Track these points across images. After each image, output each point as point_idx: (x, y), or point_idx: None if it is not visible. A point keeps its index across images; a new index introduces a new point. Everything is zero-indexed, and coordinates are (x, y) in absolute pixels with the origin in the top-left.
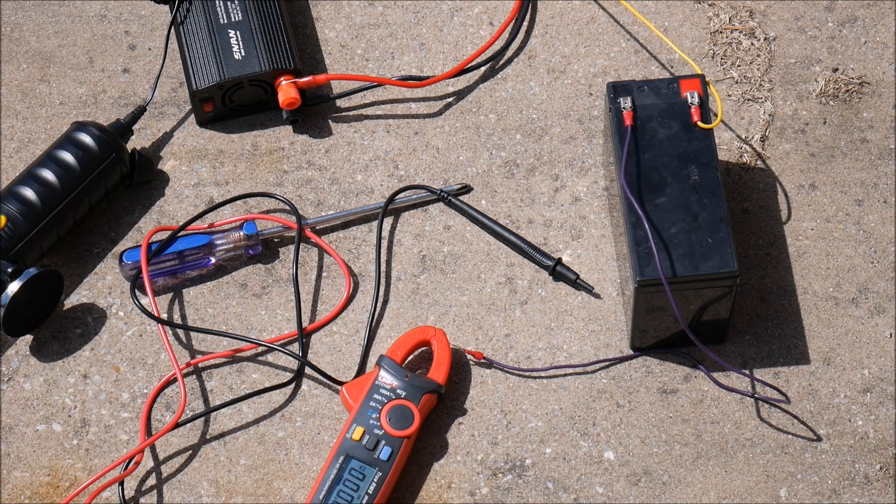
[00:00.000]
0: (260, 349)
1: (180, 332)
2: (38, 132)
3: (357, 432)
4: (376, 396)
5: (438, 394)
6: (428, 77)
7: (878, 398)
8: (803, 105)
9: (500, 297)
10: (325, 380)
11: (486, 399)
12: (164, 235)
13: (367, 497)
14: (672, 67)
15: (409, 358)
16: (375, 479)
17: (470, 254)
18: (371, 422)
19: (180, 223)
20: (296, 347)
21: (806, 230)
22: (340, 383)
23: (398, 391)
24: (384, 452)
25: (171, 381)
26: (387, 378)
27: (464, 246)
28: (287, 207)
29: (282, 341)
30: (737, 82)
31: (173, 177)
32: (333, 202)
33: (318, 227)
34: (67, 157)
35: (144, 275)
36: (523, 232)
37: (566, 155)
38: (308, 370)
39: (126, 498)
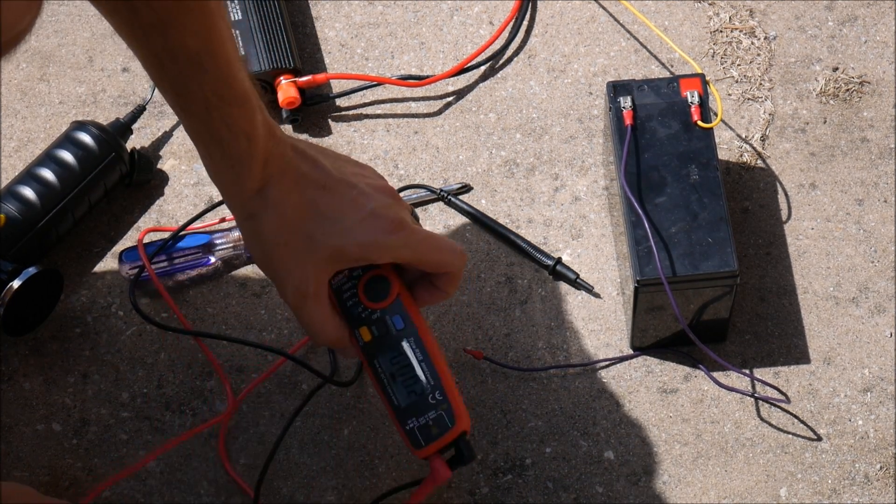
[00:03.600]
0: (259, 350)
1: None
2: (38, 131)
3: (364, 333)
4: (346, 295)
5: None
6: (428, 76)
7: (878, 398)
8: (803, 104)
9: (500, 296)
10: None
11: (485, 399)
12: (157, 235)
13: (423, 364)
14: (672, 67)
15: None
16: (413, 345)
17: (470, 253)
18: (363, 315)
19: (180, 222)
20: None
21: (806, 229)
22: (345, 384)
23: (355, 273)
24: (397, 323)
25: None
26: (337, 278)
27: (464, 245)
28: None
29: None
30: (737, 81)
31: (173, 176)
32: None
33: None
34: (67, 156)
35: (154, 279)
36: (523, 231)
37: (566, 154)
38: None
39: (126, 498)
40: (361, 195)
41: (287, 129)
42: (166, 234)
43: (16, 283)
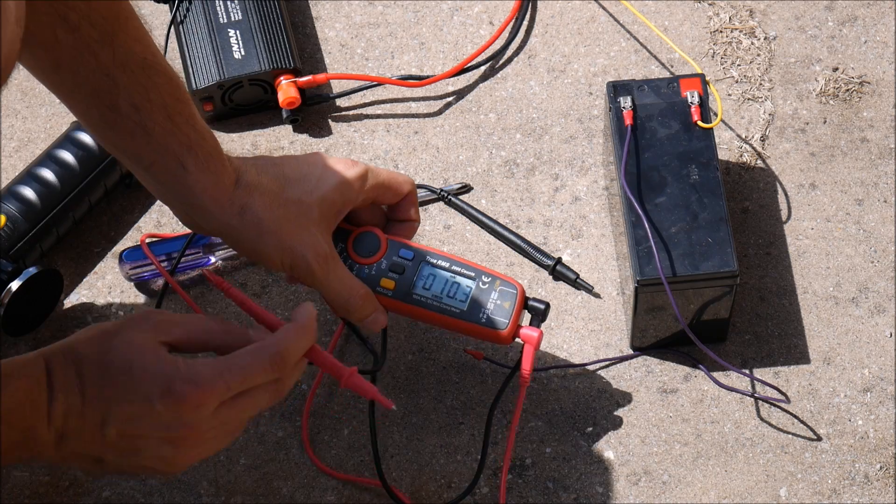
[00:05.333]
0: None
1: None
2: (38, 131)
3: (386, 284)
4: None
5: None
6: (428, 76)
7: (878, 398)
8: (803, 104)
9: None
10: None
11: (485, 399)
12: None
13: (454, 267)
14: (672, 67)
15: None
16: (434, 259)
17: (470, 253)
18: (373, 272)
19: (180, 223)
20: None
21: (806, 230)
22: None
23: (338, 247)
24: (406, 255)
25: None
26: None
27: (464, 245)
28: None
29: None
30: (737, 82)
31: None
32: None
33: None
34: (67, 156)
35: (172, 283)
36: (523, 231)
37: (566, 154)
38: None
39: (126, 498)
40: (305, 156)
41: (287, 129)
42: (165, 238)
43: (16, 284)
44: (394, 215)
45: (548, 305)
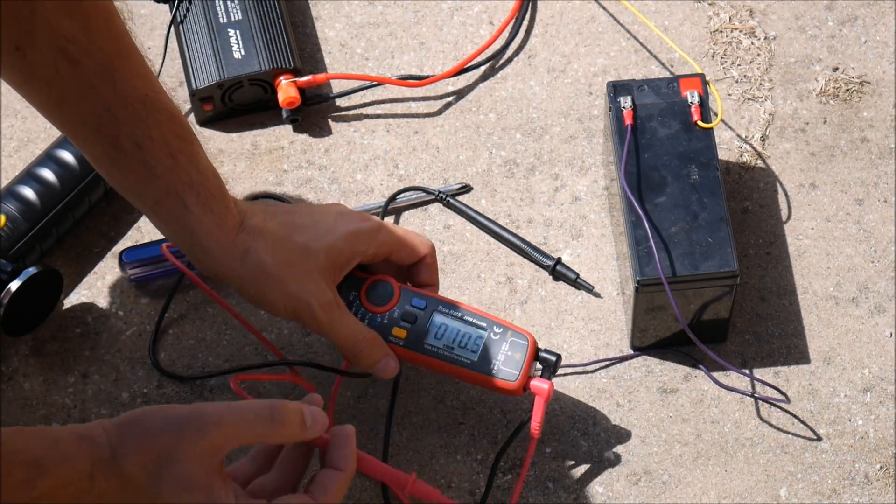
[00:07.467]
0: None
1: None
2: (38, 131)
3: (398, 333)
4: (359, 316)
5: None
6: (428, 76)
7: (878, 398)
8: (803, 104)
9: (500, 296)
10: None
11: (486, 398)
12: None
13: (465, 318)
14: (672, 67)
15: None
16: (446, 309)
17: (470, 253)
18: (385, 321)
19: None
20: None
21: (806, 229)
22: (361, 375)
23: (351, 296)
24: (419, 304)
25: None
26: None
27: (464, 245)
28: None
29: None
30: (737, 81)
31: None
32: (333, 202)
33: None
34: (67, 156)
35: (196, 281)
36: (523, 231)
37: (566, 154)
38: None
39: None
40: (318, 205)
41: (287, 129)
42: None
43: (15, 284)
44: (412, 278)
45: (559, 357)
